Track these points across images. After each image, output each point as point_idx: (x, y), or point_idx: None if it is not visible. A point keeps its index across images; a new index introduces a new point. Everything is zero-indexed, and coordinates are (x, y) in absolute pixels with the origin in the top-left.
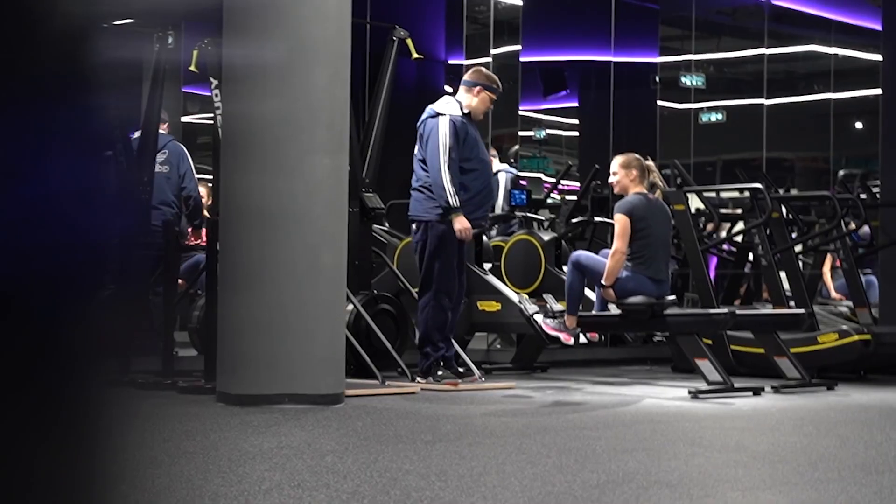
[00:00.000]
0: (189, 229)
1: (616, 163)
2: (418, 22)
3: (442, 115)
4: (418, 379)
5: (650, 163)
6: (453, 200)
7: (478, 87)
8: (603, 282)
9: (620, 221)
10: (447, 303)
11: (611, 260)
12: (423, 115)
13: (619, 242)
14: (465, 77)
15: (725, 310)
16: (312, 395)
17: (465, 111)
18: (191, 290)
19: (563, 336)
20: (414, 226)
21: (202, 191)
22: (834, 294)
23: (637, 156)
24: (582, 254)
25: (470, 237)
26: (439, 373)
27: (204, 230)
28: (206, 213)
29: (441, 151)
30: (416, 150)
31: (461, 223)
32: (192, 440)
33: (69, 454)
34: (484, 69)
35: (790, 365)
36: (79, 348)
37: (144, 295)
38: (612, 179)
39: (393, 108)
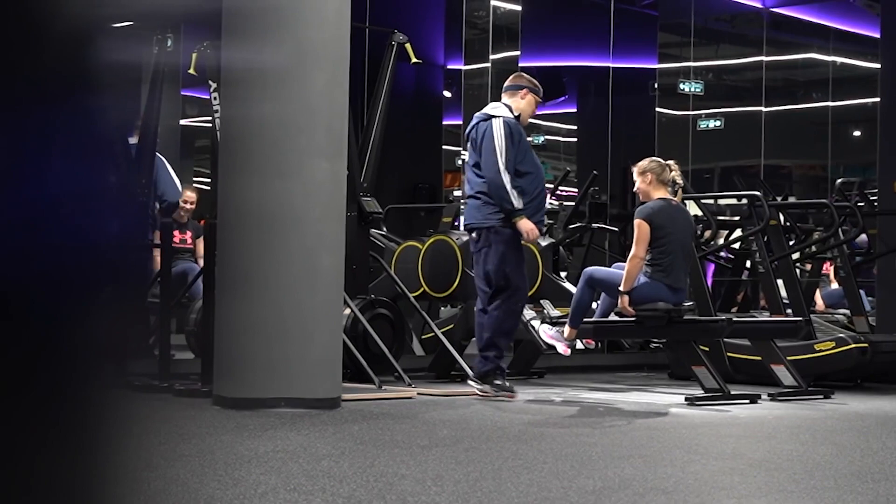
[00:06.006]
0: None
1: (635, 171)
2: (417, 27)
3: (495, 117)
4: (470, 382)
5: (671, 162)
6: (517, 202)
7: (524, 90)
8: (620, 288)
9: (640, 227)
10: (520, 307)
11: (628, 265)
12: (473, 121)
13: (638, 248)
14: (509, 82)
15: (722, 317)
16: (309, 400)
17: (515, 114)
18: (182, 299)
19: (560, 346)
20: (474, 234)
21: (191, 194)
22: (820, 303)
23: (654, 158)
24: (596, 269)
25: (536, 238)
26: (497, 381)
27: (189, 233)
28: (179, 215)
29: (498, 154)
30: (466, 157)
31: (527, 224)
32: (188, 443)
33: (66, 456)
34: (525, 74)
35: (787, 373)
36: (77, 350)
37: (143, 298)
38: (635, 189)
39: (391, 113)
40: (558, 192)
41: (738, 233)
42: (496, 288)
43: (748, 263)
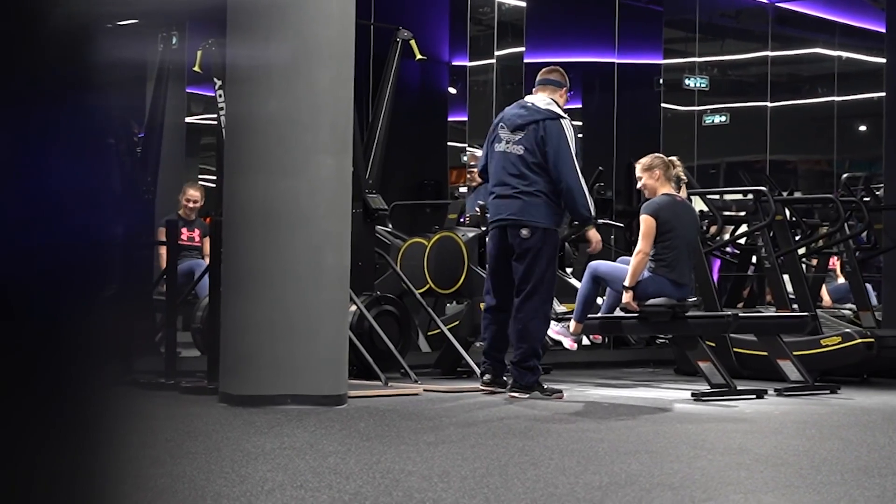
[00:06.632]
0: None
1: (638, 167)
2: (422, 23)
3: (563, 117)
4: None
5: (674, 158)
6: (594, 210)
7: (564, 89)
8: (625, 283)
9: (646, 222)
10: (550, 314)
11: (634, 260)
12: (532, 115)
13: (643, 243)
14: (550, 77)
15: (729, 312)
16: (315, 396)
17: None
18: (188, 296)
19: (567, 341)
20: (525, 231)
21: (194, 192)
22: (827, 299)
23: (658, 155)
24: (601, 264)
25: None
26: (546, 386)
27: (196, 231)
28: (185, 212)
29: (574, 157)
30: (519, 151)
31: (597, 234)
32: (195, 440)
33: (72, 454)
34: (560, 68)
35: (793, 368)
36: (82, 348)
37: (148, 295)
38: (638, 186)
39: (396, 110)
40: None
41: (743, 228)
42: (531, 290)
43: (754, 259)
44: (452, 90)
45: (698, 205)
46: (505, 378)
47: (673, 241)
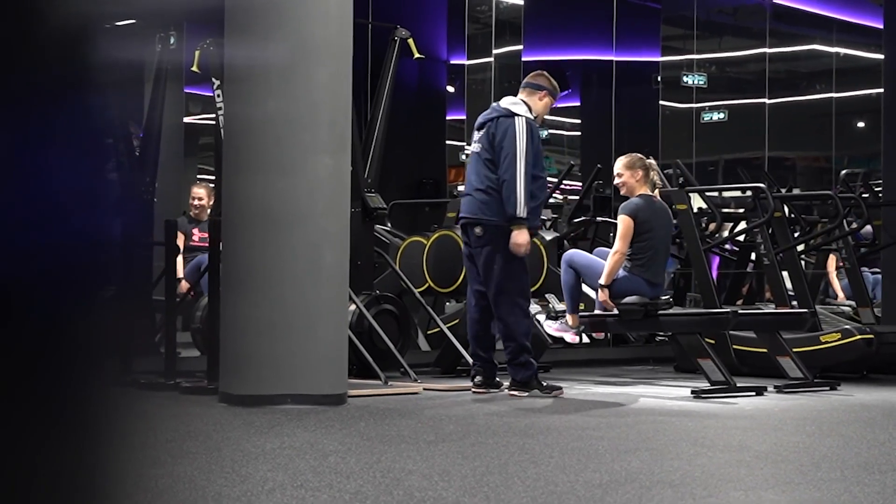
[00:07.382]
0: None
1: (620, 164)
2: (420, 22)
3: (518, 115)
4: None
5: (652, 161)
6: (522, 210)
7: (543, 92)
8: (601, 281)
9: (624, 223)
10: (527, 307)
11: (611, 259)
12: (492, 113)
13: (621, 244)
14: (531, 80)
15: (728, 309)
16: (315, 396)
17: (532, 115)
18: (197, 292)
19: (567, 336)
20: (478, 229)
21: (203, 192)
22: (841, 295)
23: (640, 155)
24: (575, 253)
25: (527, 253)
26: (545, 384)
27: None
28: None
29: (519, 156)
30: (477, 149)
31: (524, 237)
32: (195, 440)
33: (71, 455)
34: (547, 73)
35: (793, 364)
36: (81, 349)
37: (147, 295)
38: (616, 182)
39: (395, 109)
40: (562, 186)
41: (742, 225)
42: (499, 289)
43: (753, 256)
44: (450, 88)
45: (697, 202)
46: (498, 379)
47: (649, 242)
